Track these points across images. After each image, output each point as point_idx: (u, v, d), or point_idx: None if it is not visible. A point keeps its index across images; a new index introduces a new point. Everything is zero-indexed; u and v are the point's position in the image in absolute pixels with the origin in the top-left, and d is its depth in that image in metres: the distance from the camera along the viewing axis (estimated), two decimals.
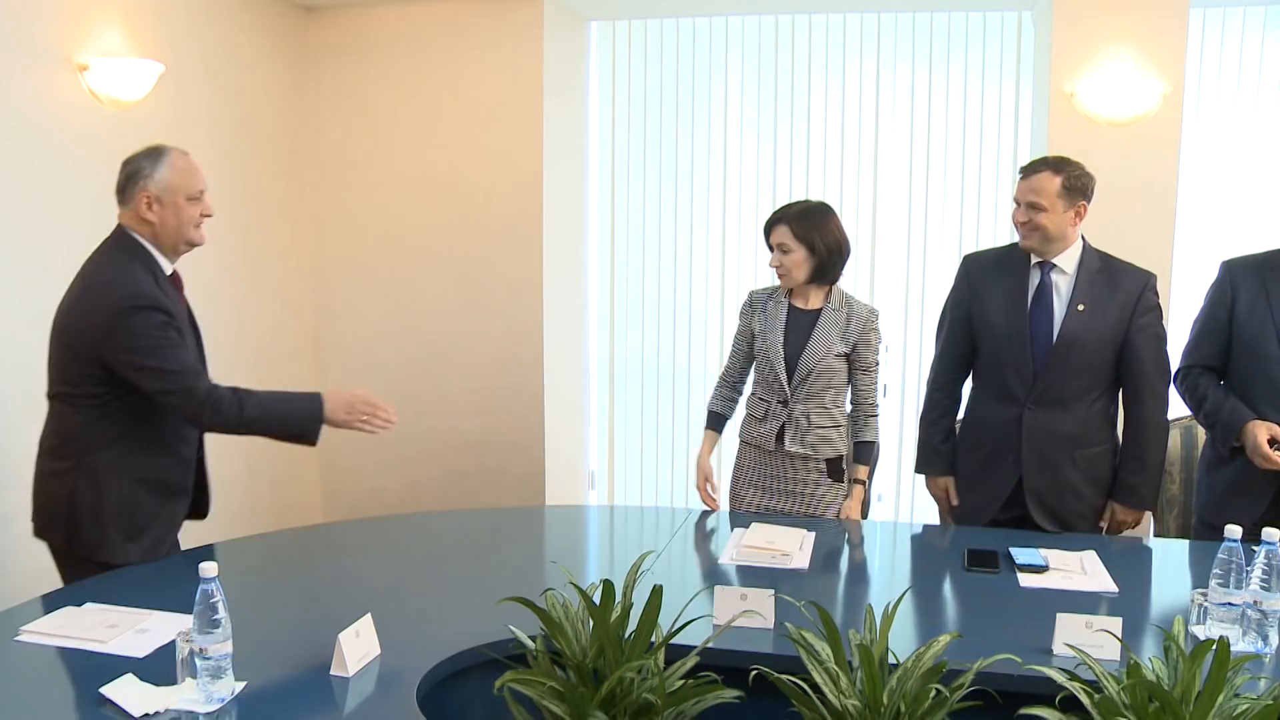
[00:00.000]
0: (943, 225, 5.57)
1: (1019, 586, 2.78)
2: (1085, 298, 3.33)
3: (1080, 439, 3.38)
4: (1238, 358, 3.38)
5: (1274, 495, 3.26)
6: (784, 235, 3.44)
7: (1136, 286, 3.34)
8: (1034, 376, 3.36)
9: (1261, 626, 2.33)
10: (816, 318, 3.50)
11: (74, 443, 2.89)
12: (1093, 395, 3.37)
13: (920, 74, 5.54)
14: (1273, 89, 5.22)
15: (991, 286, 3.49)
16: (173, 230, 2.94)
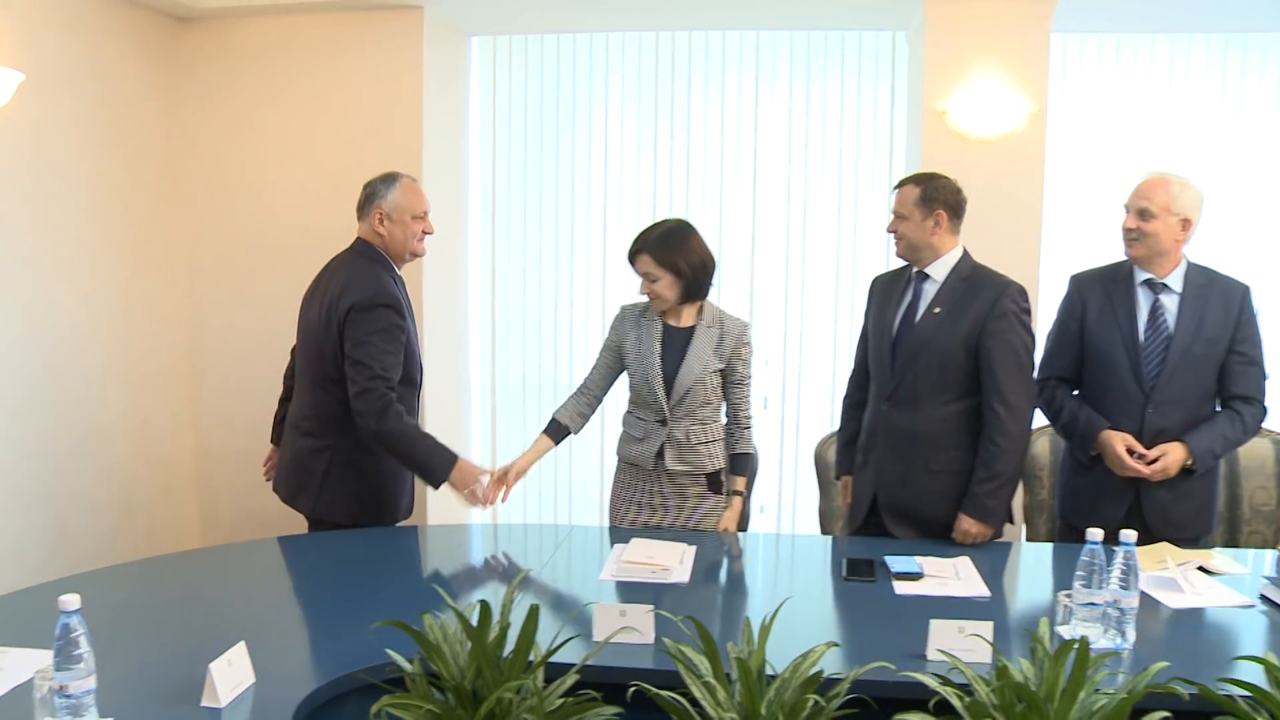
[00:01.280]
0: (821, 239, 5.66)
1: (895, 594, 2.83)
2: (944, 302, 3.41)
3: (933, 440, 3.41)
4: (1090, 367, 3.53)
5: (1133, 499, 3.41)
6: (648, 264, 3.45)
7: (994, 293, 3.38)
8: (890, 375, 3.46)
9: (1121, 624, 2.43)
10: (690, 335, 3.52)
11: (329, 423, 3.47)
12: (945, 397, 3.40)
13: (799, 91, 5.64)
14: (1126, 110, 5.45)
15: (882, 298, 3.61)
16: (399, 243, 3.56)
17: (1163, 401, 3.39)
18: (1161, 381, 3.39)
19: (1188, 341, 3.38)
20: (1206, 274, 3.46)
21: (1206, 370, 3.41)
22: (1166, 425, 3.39)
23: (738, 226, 5.72)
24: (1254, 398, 3.42)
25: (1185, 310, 3.40)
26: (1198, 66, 5.46)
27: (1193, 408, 3.41)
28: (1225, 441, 3.41)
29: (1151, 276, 3.44)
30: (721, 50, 5.68)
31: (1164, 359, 3.39)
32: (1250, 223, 5.48)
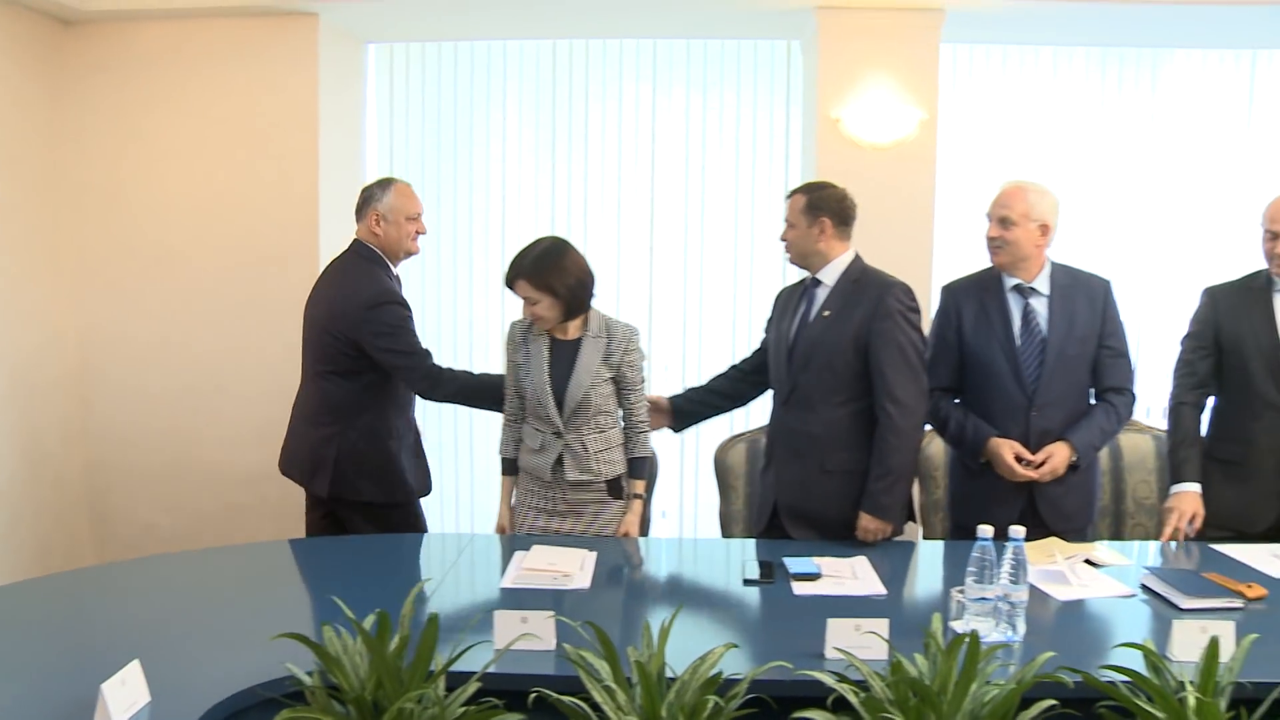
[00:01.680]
0: (719, 246, 5.72)
1: (793, 595, 2.87)
2: (833, 305, 3.48)
3: (828, 442, 3.47)
4: (971, 375, 3.62)
5: (1026, 500, 3.51)
6: (525, 289, 3.43)
7: (878, 293, 3.44)
8: (786, 379, 3.53)
9: (1011, 617, 2.50)
10: (577, 347, 3.51)
11: (337, 410, 3.77)
12: (837, 399, 3.45)
13: (695, 99, 5.69)
14: (1012, 117, 5.61)
15: (783, 307, 3.69)
16: (394, 242, 3.84)
17: (1045, 403, 3.49)
18: (1042, 384, 3.49)
19: (1061, 342, 3.49)
20: (1069, 274, 3.57)
21: (1082, 368, 3.53)
22: (1050, 426, 3.49)
23: (636, 233, 5.75)
24: (1124, 388, 3.56)
25: (1055, 311, 3.51)
26: (1079, 77, 5.64)
27: (1074, 406, 3.52)
28: (1103, 434, 3.54)
29: (1020, 281, 3.54)
30: (619, 59, 5.70)
31: (1041, 361, 3.49)
32: (1123, 224, 5.69)
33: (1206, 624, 2.35)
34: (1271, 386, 3.51)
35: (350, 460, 3.77)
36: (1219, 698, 1.88)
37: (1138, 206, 5.72)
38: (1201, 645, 1.95)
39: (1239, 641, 2.05)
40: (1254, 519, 3.55)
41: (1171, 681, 1.92)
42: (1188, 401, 3.69)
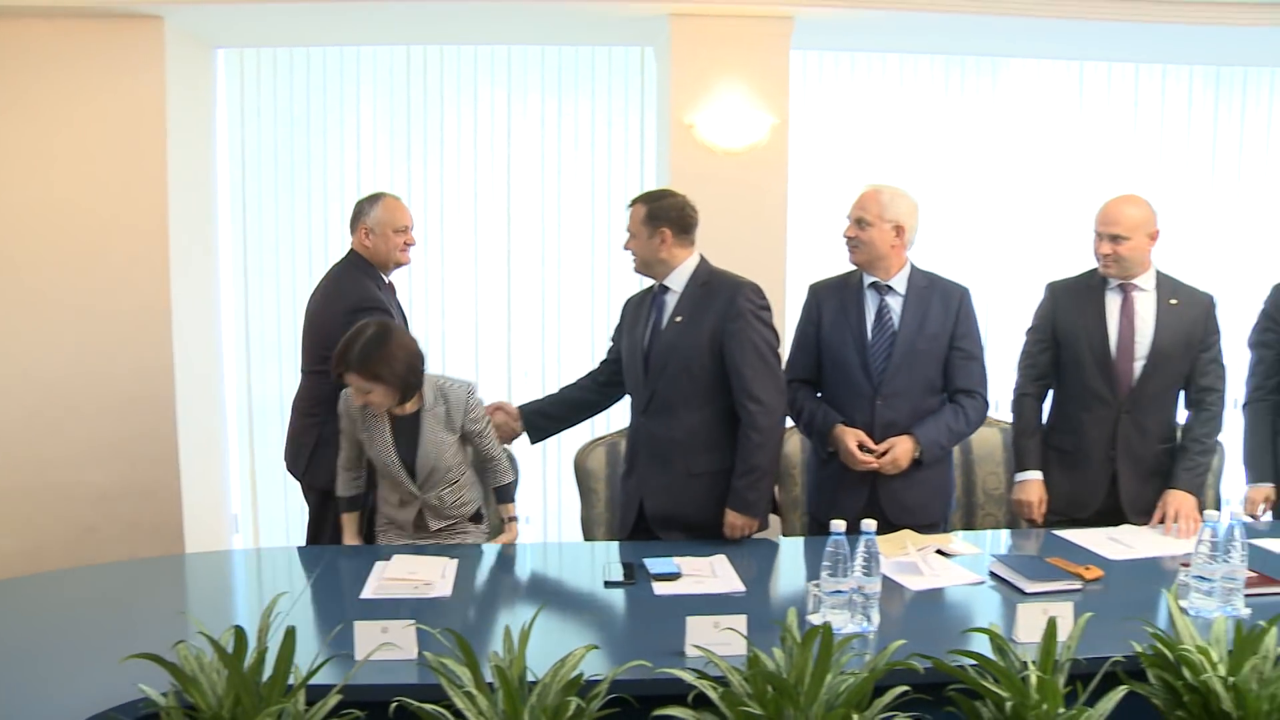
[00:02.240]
0: (575, 251, 5.73)
1: (654, 595, 2.90)
2: (684, 310, 3.52)
3: (691, 445, 3.52)
4: (826, 368, 3.72)
5: (870, 489, 3.60)
6: (355, 381, 3.33)
7: (729, 294, 3.50)
8: (643, 387, 3.56)
9: (865, 608, 2.56)
10: (417, 420, 3.45)
11: (323, 404, 3.79)
12: (697, 402, 3.51)
13: (550, 105, 5.70)
14: (862, 122, 5.76)
15: (633, 316, 3.73)
16: (383, 254, 4.01)
17: (890, 394, 3.58)
18: (888, 375, 3.58)
19: (911, 338, 3.58)
20: (929, 277, 3.67)
21: (929, 365, 3.61)
22: (895, 417, 3.58)
23: (493, 239, 5.73)
24: (975, 391, 3.64)
25: (909, 310, 3.60)
26: (923, 83, 5.82)
27: (919, 400, 3.61)
28: (950, 433, 3.62)
29: (877, 280, 3.64)
30: (474, 65, 5.67)
31: (889, 355, 3.59)
32: (967, 225, 5.90)
33: (1048, 606, 2.45)
34: (1100, 380, 3.69)
35: (325, 453, 3.78)
36: (1058, 674, 1.96)
37: (980, 208, 5.94)
38: (1043, 626, 2.03)
39: (1076, 621, 2.14)
40: (1084, 504, 3.74)
41: (1015, 662, 1.99)
42: (1029, 393, 3.88)
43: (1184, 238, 5.98)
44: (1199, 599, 2.71)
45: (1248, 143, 6.13)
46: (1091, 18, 4.99)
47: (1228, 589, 2.70)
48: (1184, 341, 3.66)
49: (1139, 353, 3.67)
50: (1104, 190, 3.85)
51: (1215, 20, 5.06)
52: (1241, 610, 2.68)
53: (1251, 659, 1.99)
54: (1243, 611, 2.68)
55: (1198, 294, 3.73)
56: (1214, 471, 3.95)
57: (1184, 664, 2.00)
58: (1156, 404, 3.70)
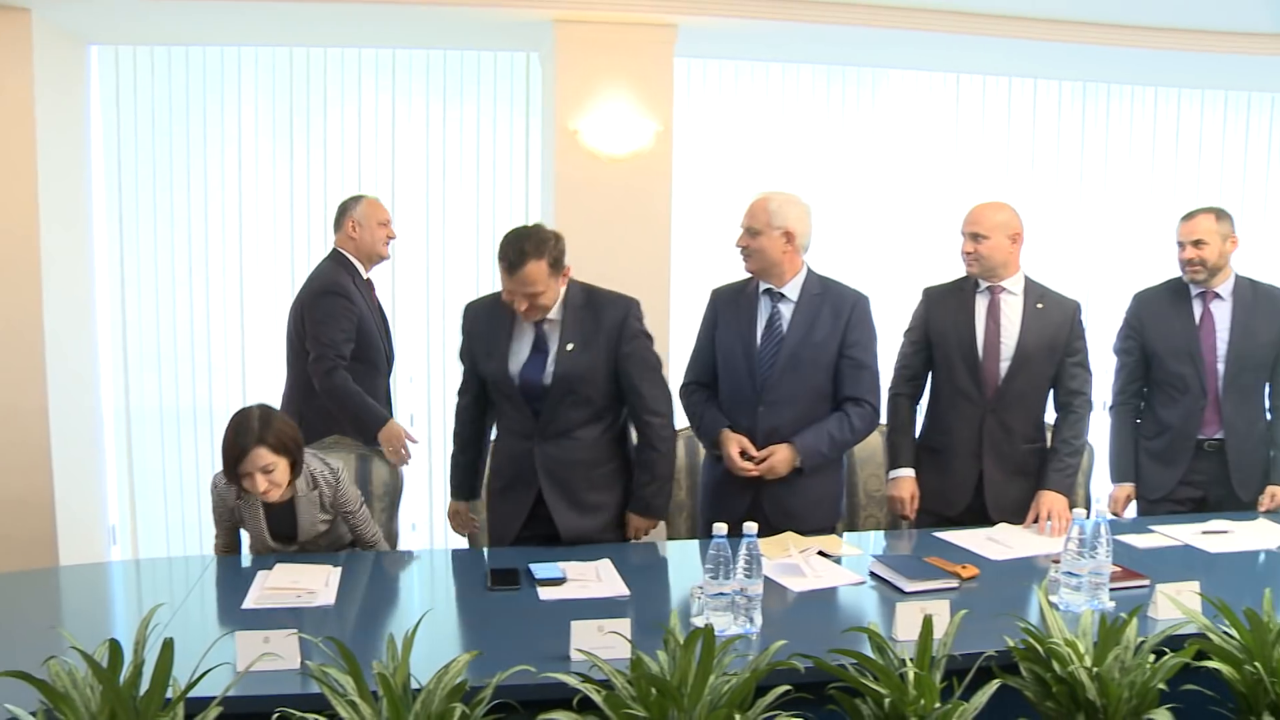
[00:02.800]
0: (460, 256, 5.69)
1: (539, 600, 2.89)
2: (573, 336, 3.45)
3: (592, 462, 3.55)
4: (720, 373, 3.76)
5: (754, 493, 3.63)
6: (266, 457, 3.14)
7: (618, 315, 3.48)
8: (535, 415, 3.48)
9: (748, 610, 2.58)
10: (293, 508, 3.33)
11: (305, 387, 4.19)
12: (599, 426, 3.54)
13: (436, 109, 5.65)
14: (745, 129, 5.83)
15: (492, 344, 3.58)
16: (368, 245, 4.40)
17: (774, 400, 3.62)
18: (771, 382, 3.62)
19: (796, 345, 3.62)
20: (823, 284, 3.71)
21: (815, 372, 3.63)
22: (779, 423, 3.62)
23: None
24: (863, 399, 3.65)
25: (799, 316, 3.64)
26: (805, 92, 5.92)
27: (804, 408, 3.63)
28: (832, 441, 3.63)
29: (771, 287, 3.68)
30: (357, 68, 5.60)
31: (775, 361, 3.63)
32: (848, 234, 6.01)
33: (925, 604, 2.50)
34: (969, 380, 3.81)
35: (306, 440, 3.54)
36: (934, 671, 2.01)
37: (861, 215, 6.05)
38: (921, 624, 2.08)
39: (952, 618, 2.19)
40: (952, 502, 3.85)
41: (894, 660, 2.03)
42: (902, 393, 3.99)
43: (1053, 245, 6.21)
44: (1068, 594, 2.80)
45: (1113, 155, 6.37)
46: (965, 33, 5.14)
47: (1094, 584, 2.79)
48: (1048, 344, 3.77)
49: (1004, 354, 3.77)
50: (978, 198, 3.97)
51: (1080, 40, 5.28)
52: (1106, 603, 2.78)
53: (1114, 649, 2.07)
54: (1108, 605, 2.78)
55: (1065, 300, 3.85)
56: (1083, 471, 4.10)
57: (1053, 657, 2.07)
58: (1021, 404, 3.79)
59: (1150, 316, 4.13)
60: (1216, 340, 4.01)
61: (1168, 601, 2.60)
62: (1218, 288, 4.02)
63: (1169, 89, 6.38)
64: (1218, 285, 4.02)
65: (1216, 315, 4.02)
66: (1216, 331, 4.02)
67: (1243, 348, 3.99)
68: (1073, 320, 3.81)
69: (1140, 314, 4.17)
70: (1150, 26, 5.31)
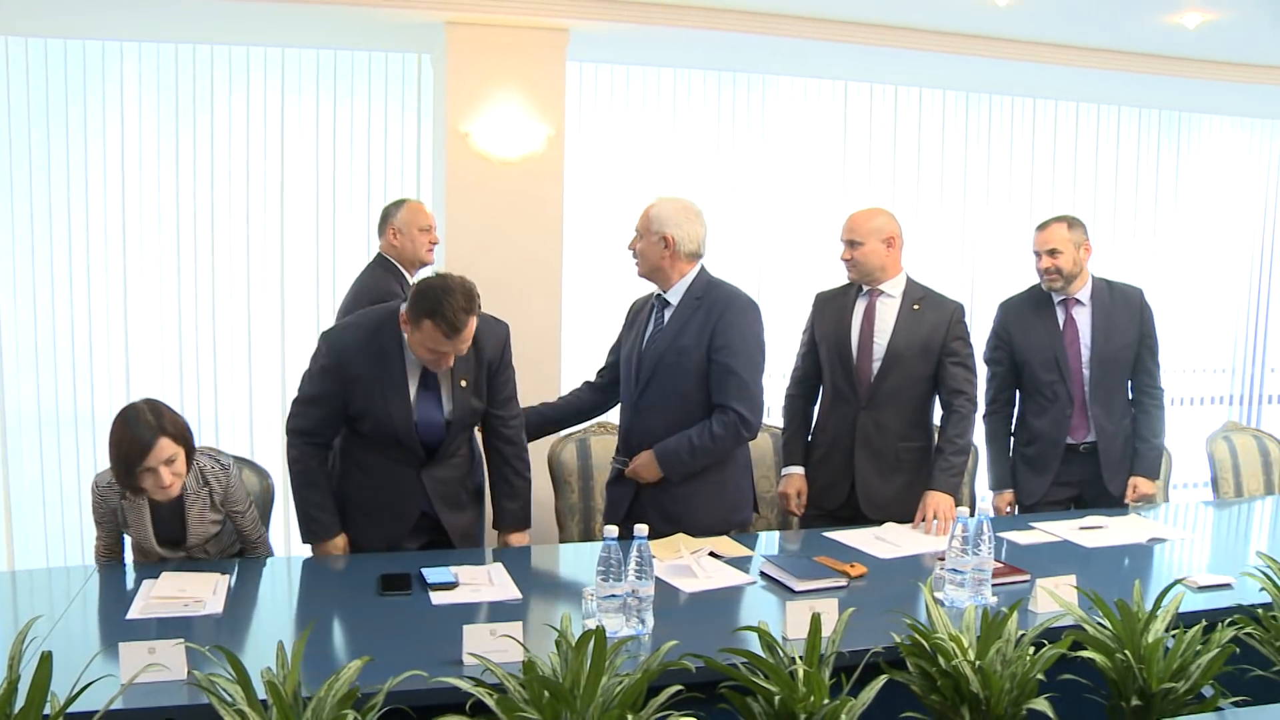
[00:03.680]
0: (351, 258, 5.58)
1: (431, 605, 2.87)
2: (464, 370, 3.39)
3: (464, 479, 3.56)
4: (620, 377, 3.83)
5: (631, 501, 3.68)
6: (169, 448, 3.05)
7: (497, 347, 3.47)
8: (428, 451, 3.43)
9: (640, 611, 2.60)
10: (181, 506, 3.23)
11: None
12: (470, 439, 3.60)
13: (326, 109, 5.57)
14: (637, 134, 5.87)
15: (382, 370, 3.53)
16: (409, 252, 4.46)
17: (645, 406, 3.68)
18: (638, 388, 3.68)
19: (663, 350, 3.64)
20: (708, 288, 3.69)
21: (681, 378, 3.63)
22: (650, 428, 3.65)
23: (266, 245, 5.57)
24: (727, 406, 3.61)
25: (672, 321, 3.66)
26: (698, 98, 5.97)
27: (674, 414, 3.63)
28: (692, 448, 3.59)
29: (661, 292, 3.71)
30: (245, 66, 5.49)
31: (644, 366, 3.67)
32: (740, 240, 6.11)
33: (814, 603, 2.54)
34: (843, 379, 3.91)
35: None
36: (823, 667, 2.05)
37: (752, 220, 6.13)
38: (809, 623, 2.12)
39: (841, 616, 2.24)
40: (831, 496, 3.95)
41: (784, 658, 2.07)
42: (793, 394, 4.10)
43: (937, 251, 6.37)
44: (952, 590, 2.88)
45: (994, 163, 6.57)
46: (852, 42, 5.25)
47: (977, 580, 2.87)
48: (921, 344, 3.84)
49: (877, 354, 3.86)
50: (864, 203, 4.06)
51: (964, 51, 5.43)
52: (989, 599, 2.86)
53: (996, 643, 2.14)
54: (990, 600, 2.86)
55: (946, 302, 3.93)
56: (968, 472, 4.21)
57: (938, 651, 2.12)
58: (894, 402, 3.86)
59: (1016, 326, 4.25)
60: (1080, 347, 4.14)
61: (1047, 595, 2.69)
62: (1077, 294, 4.15)
63: (1046, 100, 6.61)
64: (1076, 291, 4.15)
65: (1079, 321, 4.15)
66: (1080, 338, 4.14)
67: (1105, 351, 4.12)
68: (950, 321, 3.87)
69: (1006, 323, 4.28)
70: (1027, 41, 5.50)
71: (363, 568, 3.28)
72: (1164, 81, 5.95)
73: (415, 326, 3.20)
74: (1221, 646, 2.19)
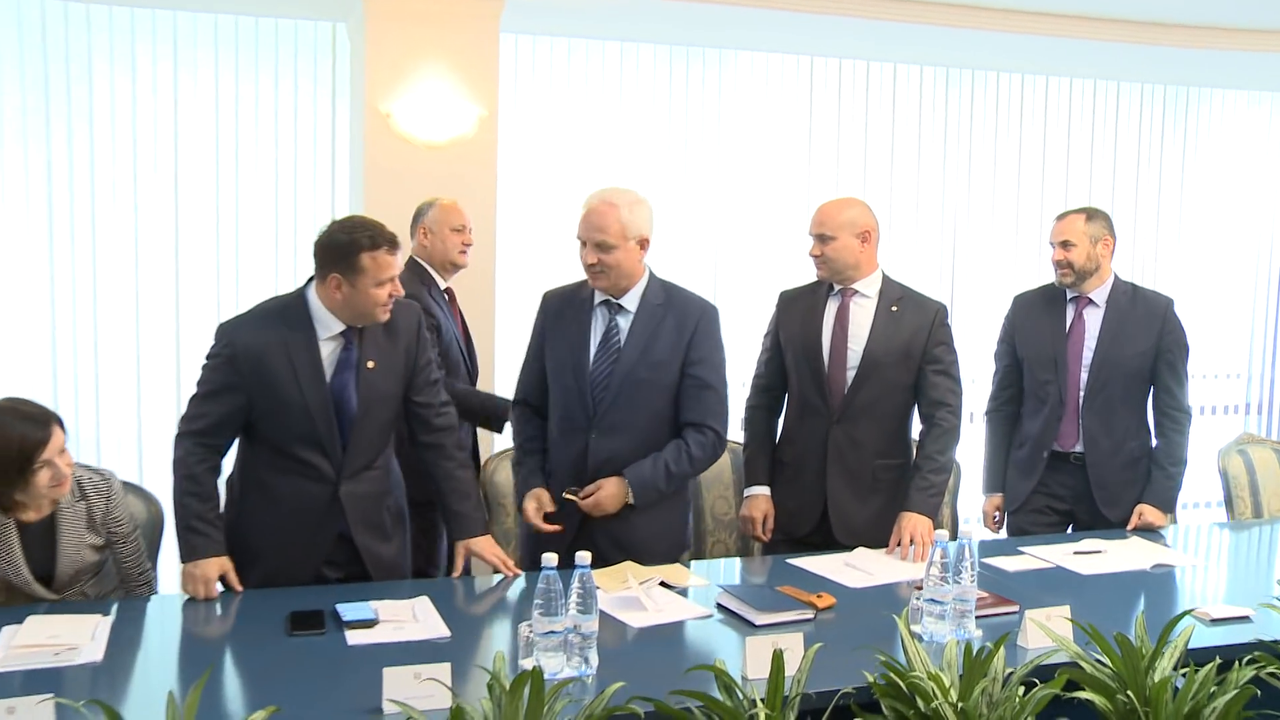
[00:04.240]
0: (256, 246, 5.58)
1: (347, 645, 2.84)
2: (371, 354, 3.38)
3: (384, 497, 3.52)
4: (551, 391, 3.70)
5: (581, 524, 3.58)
6: (60, 437, 3.08)
7: (412, 325, 3.47)
8: (342, 449, 3.39)
9: (583, 650, 2.59)
10: (52, 522, 3.19)
11: None
12: (389, 449, 3.56)
13: (226, 83, 5.50)
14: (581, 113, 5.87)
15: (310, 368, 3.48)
16: (440, 254, 4.52)
17: (608, 427, 3.58)
18: (606, 405, 3.58)
19: (633, 364, 3.57)
20: (667, 292, 3.66)
21: (655, 395, 3.60)
22: (613, 452, 3.58)
23: (156, 233, 5.51)
24: (705, 425, 3.61)
25: (636, 331, 3.59)
26: (647, 73, 5.99)
27: (643, 435, 3.60)
28: (668, 474, 3.59)
29: (609, 297, 3.62)
30: (130, 30, 5.42)
31: (609, 382, 3.58)
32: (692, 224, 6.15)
33: (778, 638, 2.54)
34: (813, 389, 3.89)
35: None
36: (788, 710, 2.06)
37: (707, 210, 6.15)
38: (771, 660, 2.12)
39: (806, 652, 2.25)
40: (800, 523, 3.93)
41: (744, 700, 2.07)
42: (757, 404, 4.07)
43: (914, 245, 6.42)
44: (931, 623, 2.90)
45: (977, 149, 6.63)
46: (819, 11, 5.27)
47: (959, 611, 2.89)
48: (901, 350, 3.83)
49: (851, 361, 3.84)
50: (834, 190, 4.07)
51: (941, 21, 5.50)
52: (973, 632, 2.88)
53: (981, 682, 2.15)
54: (974, 634, 2.88)
55: (927, 302, 3.92)
56: (949, 491, 4.23)
57: (915, 692, 2.13)
58: (870, 415, 3.85)
59: (1023, 321, 4.32)
60: (1083, 349, 4.19)
61: (1037, 628, 2.70)
62: (1091, 293, 4.20)
63: (1035, 76, 6.67)
64: (1092, 290, 4.20)
65: (1088, 322, 4.20)
66: (1085, 339, 4.19)
67: (1110, 357, 4.16)
68: (933, 324, 3.86)
69: (1015, 318, 4.36)
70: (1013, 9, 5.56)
71: (269, 604, 3.23)
72: (1167, 52, 6.00)
73: (354, 273, 3.23)
74: (1240, 688, 2.19)
